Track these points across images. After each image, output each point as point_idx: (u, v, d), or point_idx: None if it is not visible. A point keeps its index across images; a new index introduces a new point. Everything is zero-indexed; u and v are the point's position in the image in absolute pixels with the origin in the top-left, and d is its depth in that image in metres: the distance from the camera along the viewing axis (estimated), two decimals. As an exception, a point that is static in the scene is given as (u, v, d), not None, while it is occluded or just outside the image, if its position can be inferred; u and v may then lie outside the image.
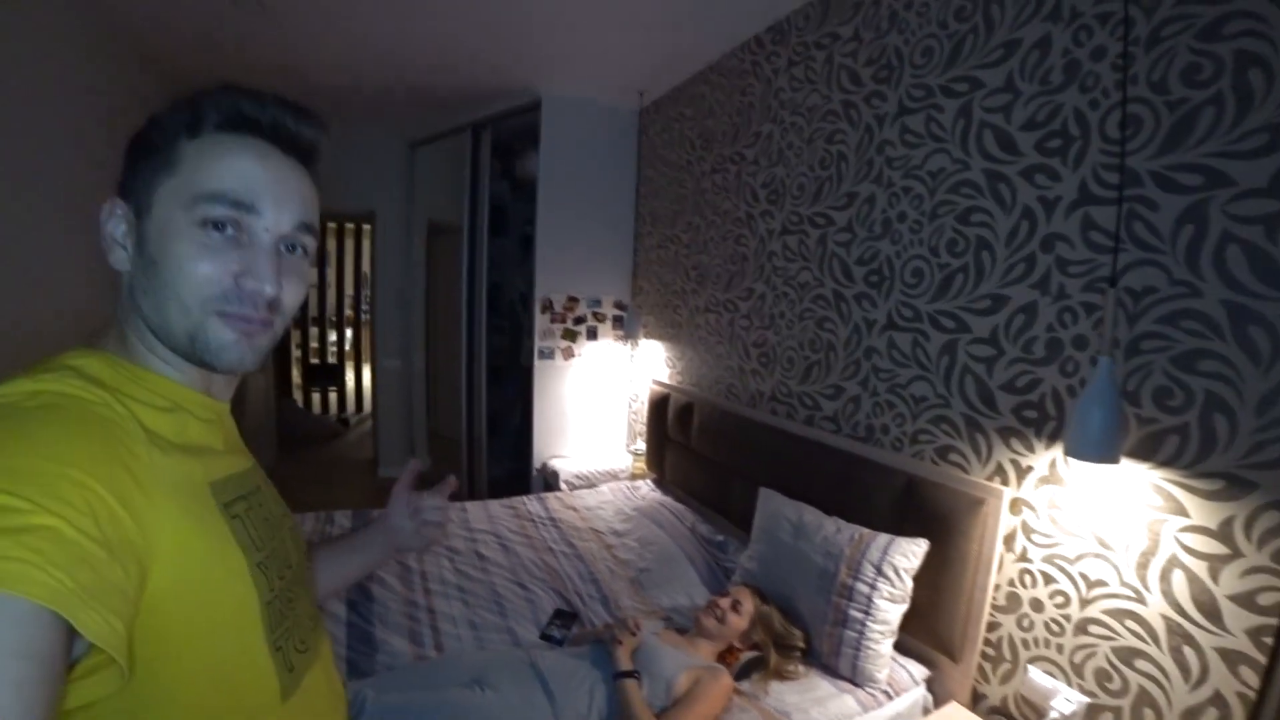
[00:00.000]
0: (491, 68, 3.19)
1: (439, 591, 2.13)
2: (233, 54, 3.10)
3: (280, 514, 0.73)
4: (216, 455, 0.64)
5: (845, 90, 2.17)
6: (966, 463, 1.75)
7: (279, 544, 0.68)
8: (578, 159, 3.66)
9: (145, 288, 0.59)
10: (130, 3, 2.51)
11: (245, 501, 0.64)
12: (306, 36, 2.84)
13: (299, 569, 0.72)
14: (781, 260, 2.51)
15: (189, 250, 0.57)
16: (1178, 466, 1.28)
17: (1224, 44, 1.19)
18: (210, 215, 0.58)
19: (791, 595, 1.87)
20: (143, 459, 0.52)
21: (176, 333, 0.59)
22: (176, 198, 0.58)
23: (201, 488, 0.59)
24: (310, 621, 0.72)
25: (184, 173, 0.58)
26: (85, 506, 0.44)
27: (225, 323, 0.59)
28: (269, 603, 0.61)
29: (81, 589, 0.41)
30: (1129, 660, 1.36)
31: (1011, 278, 1.62)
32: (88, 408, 0.51)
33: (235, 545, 0.59)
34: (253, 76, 3.39)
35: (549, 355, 3.78)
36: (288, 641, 0.64)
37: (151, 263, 0.58)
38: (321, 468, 5.34)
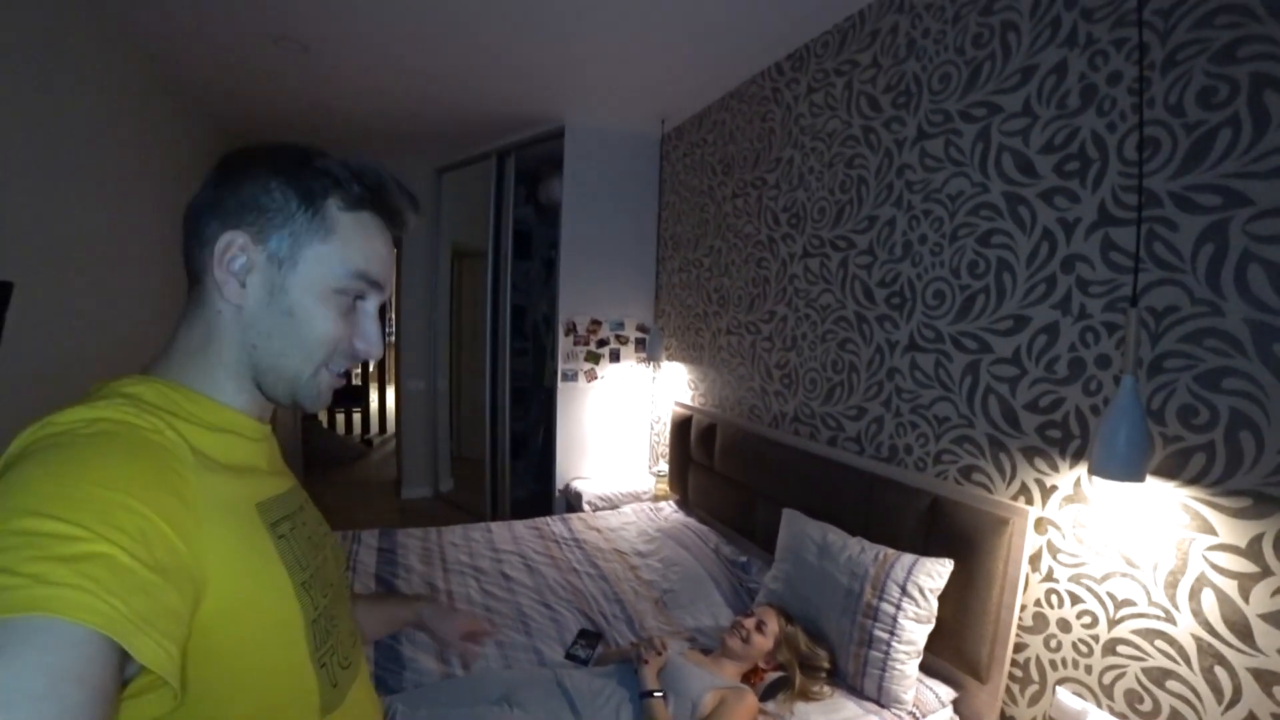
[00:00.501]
0: (517, 99, 3.29)
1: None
2: (271, 90, 3.23)
3: (323, 533, 0.75)
4: (262, 475, 0.66)
5: (865, 115, 2.21)
6: (991, 482, 1.75)
7: (322, 563, 0.70)
8: (601, 184, 3.73)
9: (269, 330, 0.63)
10: (173, 42, 2.64)
11: (290, 521, 0.66)
12: (342, 72, 2.96)
13: (340, 587, 0.74)
14: (803, 283, 2.53)
15: (328, 313, 0.64)
16: (1204, 484, 1.28)
17: (1239, 66, 1.21)
18: (356, 289, 0.66)
19: (816, 616, 1.87)
20: (193, 484, 0.54)
21: (286, 375, 0.65)
22: (327, 264, 0.64)
23: (249, 507, 0.61)
24: (351, 638, 0.74)
25: (337, 243, 0.64)
26: (139, 533, 0.46)
27: (330, 375, 0.67)
28: (314, 620, 0.63)
29: (136, 615, 0.42)
30: (1160, 681, 1.35)
31: (1033, 298, 1.63)
32: (141, 434, 0.53)
33: (281, 564, 0.61)
34: (289, 110, 3.53)
35: (572, 377, 3.82)
36: (332, 658, 0.66)
37: (287, 313, 0.63)
38: (346, 488, 5.41)
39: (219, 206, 0.62)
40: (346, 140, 4.08)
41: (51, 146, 2.12)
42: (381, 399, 7.80)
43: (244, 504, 0.60)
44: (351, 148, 3.76)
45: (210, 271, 0.62)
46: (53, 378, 2.09)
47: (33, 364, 1.99)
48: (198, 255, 0.63)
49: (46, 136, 2.09)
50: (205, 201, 0.63)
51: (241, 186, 0.62)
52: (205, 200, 0.63)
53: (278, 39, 2.57)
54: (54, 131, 2.13)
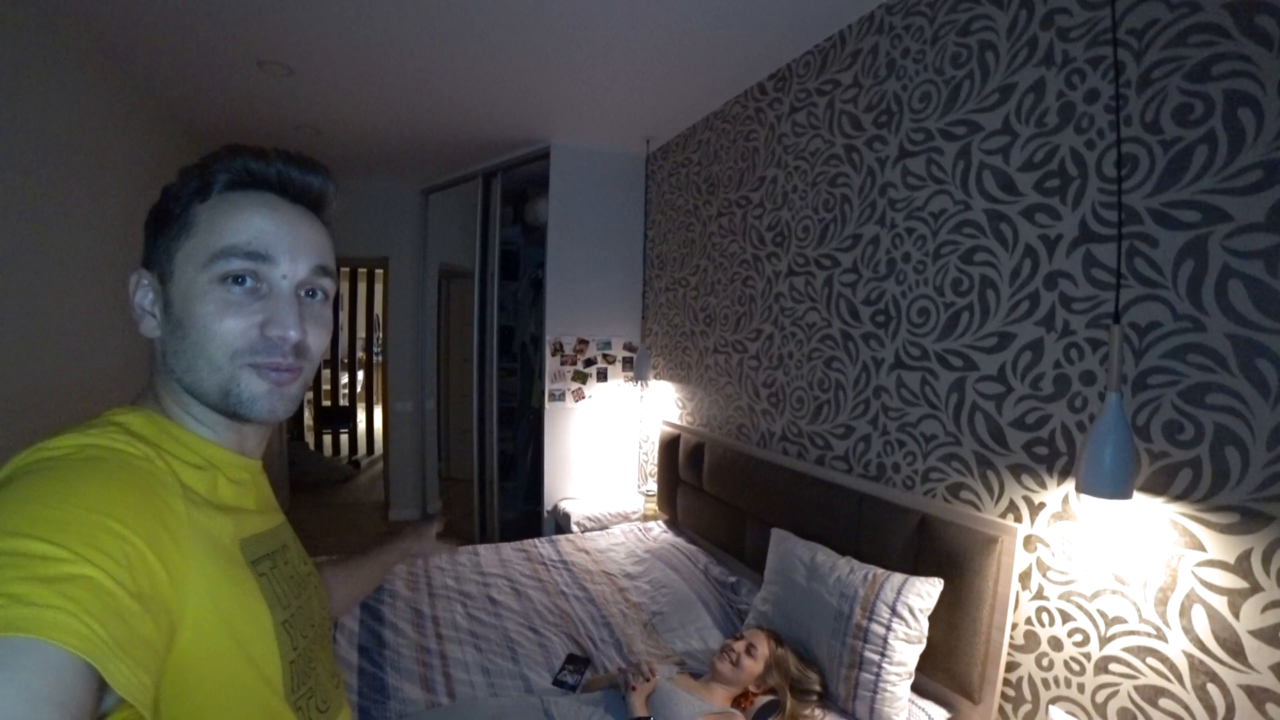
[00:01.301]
0: (503, 121, 3.30)
1: (451, 637, 2.12)
2: (256, 113, 3.23)
3: (306, 573, 0.73)
4: (246, 514, 0.65)
5: (847, 135, 2.23)
6: (979, 500, 1.74)
7: (304, 602, 0.68)
8: (587, 204, 3.74)
9: (176, 350, 0.61)
10: (159, 67, 2.63)
11: (271, 560, 0.65)
12: (327, 95, 2.96)
13: (322, 627, 0.73)
14: (789, 301, 2.54)
15: (212, 308, 0.59)
16: (1191, 500, 1.28)
17: (1214, 84, 1.22)
18: (228, 270, 0.59)
19: (806, 637, 1.85)
20: (180, 514, 0.53)
21: (209, 390, 0.60)
22: (194, 259, 0.60)
23: (232, 544, 0.60)
24: (331, 681, 0.72)
25: (199, 234, 0.60)
26: (123, 558, 0.45)
27: (257, 374, 0.61)
28: (292, 662, 0.62)
29: (114, 640, 0.41)
30: (1153, 699, 1.33)
31: (1016, 315, 1.63)
32: (130, 461, 0.53)
33: (263, 603, 0.60)
34: (274, 133, 3.52)
35: (559, 397, 3.81)
36: (309, 702, 0.64)
37: (179, 325, 0.60)
38: (333, 511, 5.33)
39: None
40: (331, 161, 4.06)
41: (31, 172, 2.10)
42: (369, 420, 7.73)
43: (228, 539, 0.59)
44: (338, 168, 3.73)
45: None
46: (35, 404, 2.05)
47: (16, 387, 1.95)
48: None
49: (26, 161, 2.06)
50: None
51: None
52: None
53: (262, 62, 2.57)
54: (34, 154, 2.11)
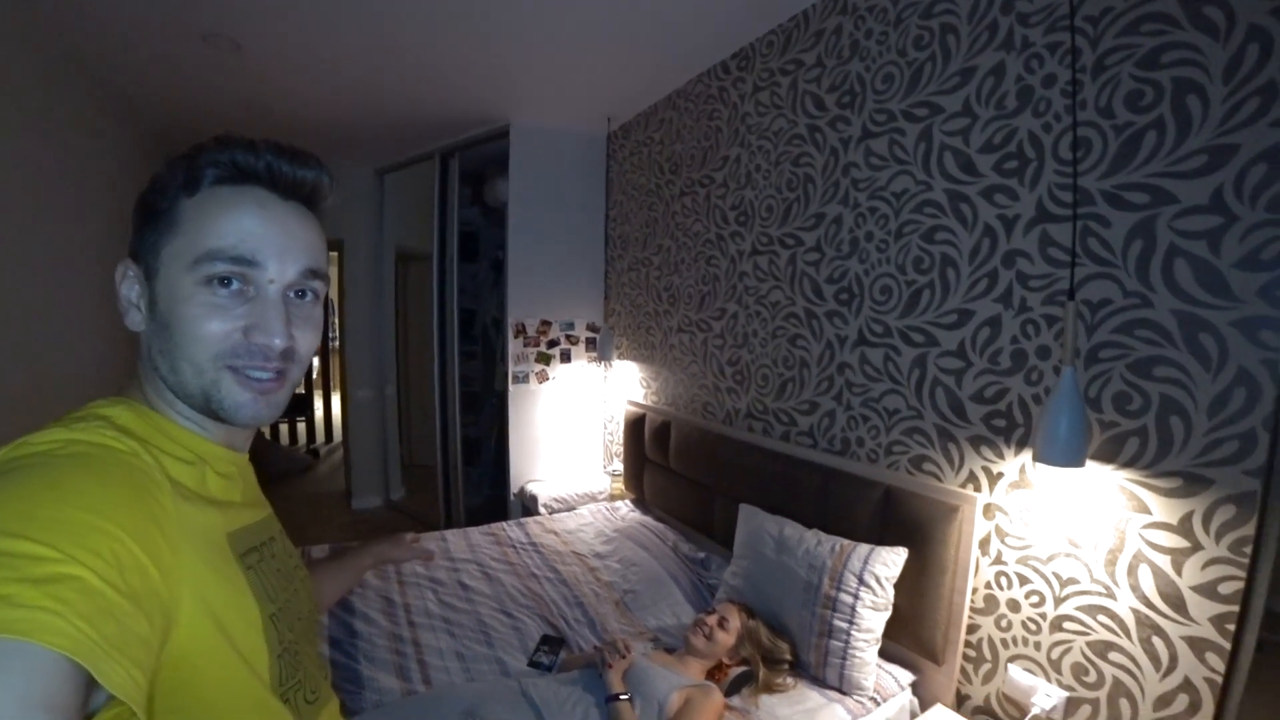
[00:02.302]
0: (460, 97, 3.22)
1: (424, 624, 2.11)
2: (203, 91, 3.08)
3: (293, 565, 0.73)
4: (234, 507, 0.64)
5: (810, 115, 2.25)
6: (940, 471, 1.81)
7: (291, 595, 0.68)
8: (548, 184, 3.70)
9: (160, 348, 0.60)
10: (97, 38, 2.49)
11: (258, 553, 0.65)
12: (277, 71, 2.83)
13: (309, 620, 0.73)
14: (753, 280, 2.57)
15: (196, 311, 0.58)
16: (1139, 467, 1.35)
17: (1163, 72, 1.28)
18: (213, 273, 0.58)
19: (777, 609, 1.90)
20: (169, 510, 0.53)
21: (192, 391, 0.60)
22: (181, 259, 0.58)
23: (221, 538, 0.59)
24: (319, 672, 0.72)
25: (186, 232, 0.58)
26: (113, 557, 0.44)
27: (238, 380, 0.60)
28: (280, 655, 0.61)
29: (105, 640, 0.41)
30: (1103, 653, 1.42)
31: (976, 293, 1.69)
32: (118, 457, 0.52)
33: (251, 597, 0.60)
34: (222, 113, 3.37)
35: (523, 379, 3.78)
36: (297, 694, 0.64)
37: (164, 325, 0.59)
38: (294, 502, 5.20)
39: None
40: (282, 138, 3.91)
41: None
42: (327, 407, 7.56)
43: (217, 534, 0.59)
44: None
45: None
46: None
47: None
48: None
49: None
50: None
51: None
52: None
53: (207, 36, 2.45)
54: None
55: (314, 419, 7.20)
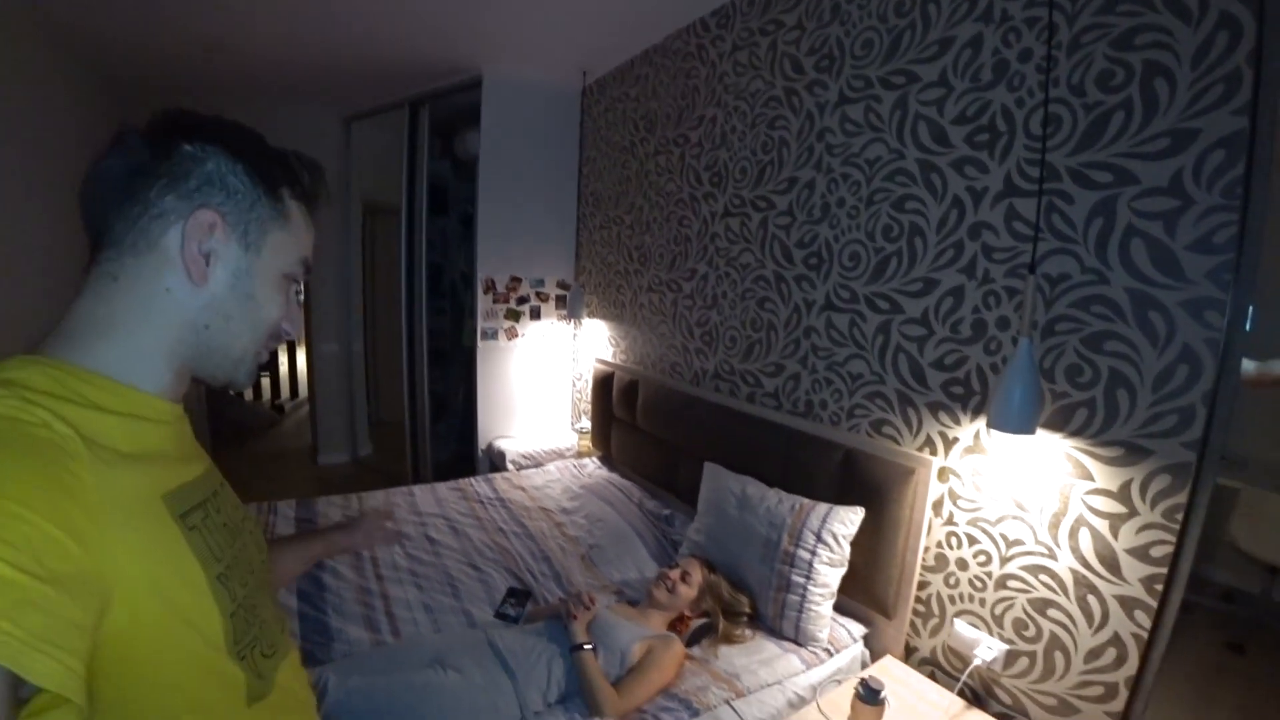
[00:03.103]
0: (430, 42, 3.11)
1: (391, 577, 2.13)
2: (156, 28, 2.91)
3: (240, 518, 0.71)
4: (171, 462, 0.62)
5: (788, 77, 2.23)
6: (899, 435, 1.87)
7: (240, 550, 0.66)
8: (520, 138, 3.62)
9: (229, 313, 0.63)
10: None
11: (202, 510, 0.62)
12: (236, 7, 2.70)
13: (261, 572, 0.71)
14: (724, 242, 2.57)
15: (277, 299, 0.67)
16: (1085, 436, 1.42)
17: (1135, 54, 1.30)
18: (298, 276, 0.70)
19: (737, 564, 1.97)
20: (88, 482, 0.49)
21: (234, 356, 0.66)
22: (285, 252, 0.67)
23: (154, 502, 0.56)
24: (276, 623, 0.71)
25: (292, 230, 0.67)
26: (25, 542, 0.42)
27: (263, 354, 0.69)
28: (232, 614, 0.60)
29: (28, 634, 0.39)
30: (1042, 610, 1.51)
31: (941, 262, 1.73)
32: (26, 430, 0.47)
33: (194, 560, 0.57)
34: (178, 52, 3.20)
35: (492, 336, 3.76)
36: (253, 650, 0.63)
37: (248, 296, 0.64)
38: (259, 459, 5.15)
39: (174, 180, 0.59)
40: (246, 84, 3.73)
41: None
42: (291, 363, 7.40)
43: (150, 497, 0.56)
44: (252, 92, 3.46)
45: (165, 247, 0.59)
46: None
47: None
48: (137, 227, 0.58)
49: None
50: (141, 168, 0.58)
51: (202, 163, 0.60)
52: (140, 166, 0.58)
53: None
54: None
55: (279, 374, 7.06)
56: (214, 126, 0.62)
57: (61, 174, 2.79)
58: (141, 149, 0.59)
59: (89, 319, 0.58)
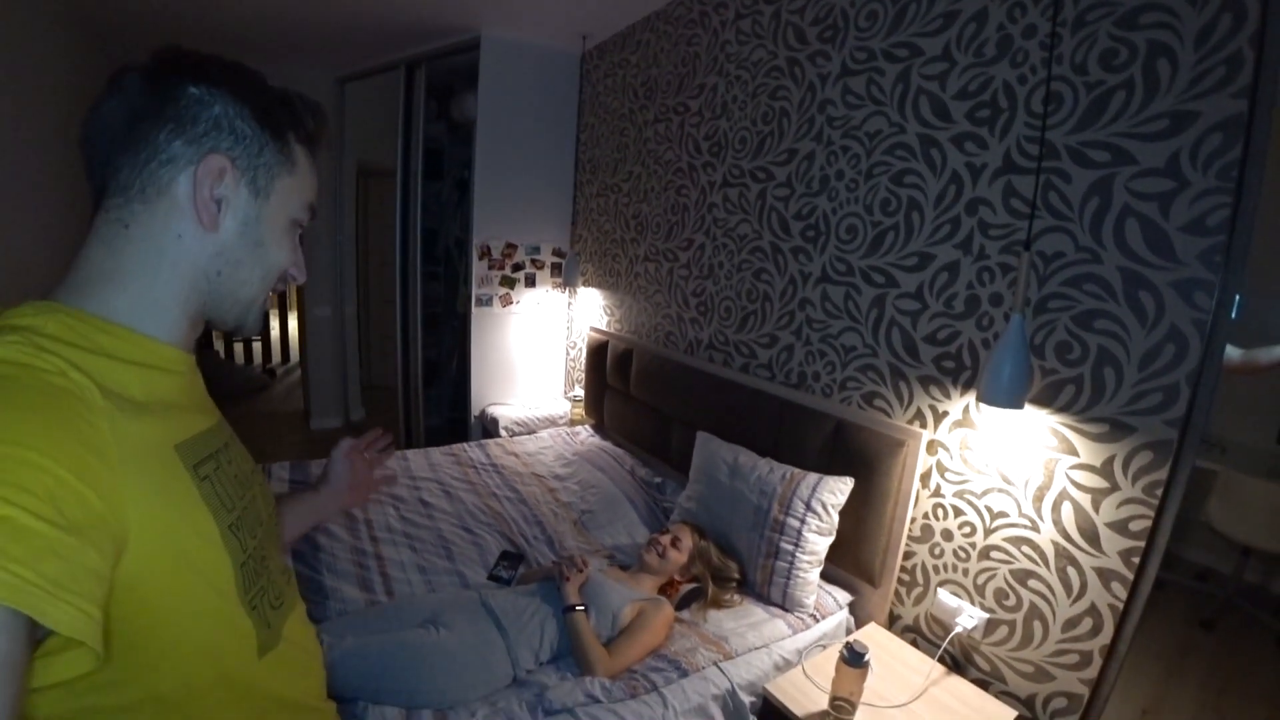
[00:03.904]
0: (428, 3, 3.04)
1: (386, 539, 2.16)
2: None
3: (249, 470, 0.72)
4: (184, 412, 0.62)
5: (790, 48, 2.21)
6: (890, 408, 1.89)
7: (250, 502, 0.67)
8: (518, 102, 3.57)
9: (239, 258, 0.63)
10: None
11: (214, 460, 0.63)
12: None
13: (270, 524, 0.72)
14: (722, 212, 2.57)
15: (285, 243, 0.68)
16: (1072, 412, 1.45)
17: (1139, 33, 1.30)
18: (305, 221, 0.70)
19: (728, 531, 2.01)
20: (104, 430, 0.49)
21: (243, 301, 0.66)
22: (292, 197, 0.67)
23: (168, 451, 0.57)
24: (283, 575, 0.73)
25: (299, 175, 0.67)
26: (44, 491, 0.42)
27: (269, 298, 0.71)
28: (243, 564, 0.61)
29: (47, 581, 0.40)
30: (1023, 580, 1.55)
31: (938, 237, 1.74)
32: (42, 378, 0.47)
33: (206, 510, 0.58)
34: (170, 9, 3.12)
35: (487, 302, 3.76)
36: (262, 599, 0.64)
37: (257, 242, 0.64)
38: (250, 422, 5.15)
39: (182, 124, 0.57)
40: (236, 40, 3.65)
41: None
42: (283, 326, 7.36)
43: (163, 447, 0.56)
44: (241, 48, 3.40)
45: (175, 193, 0.58)
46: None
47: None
48: (146, 172, 0.57)
49: None
50: (144, 111, 0.57)
51: (209, 106, 0.58)
52: (143, 109, 0.57)
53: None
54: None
55: (270, 338, 7.02)
56: (219, 68, 0.61)
57: (52, 122, 2.74)
58: (144, 91, 0.57)
59: (100, 267, 0.58)
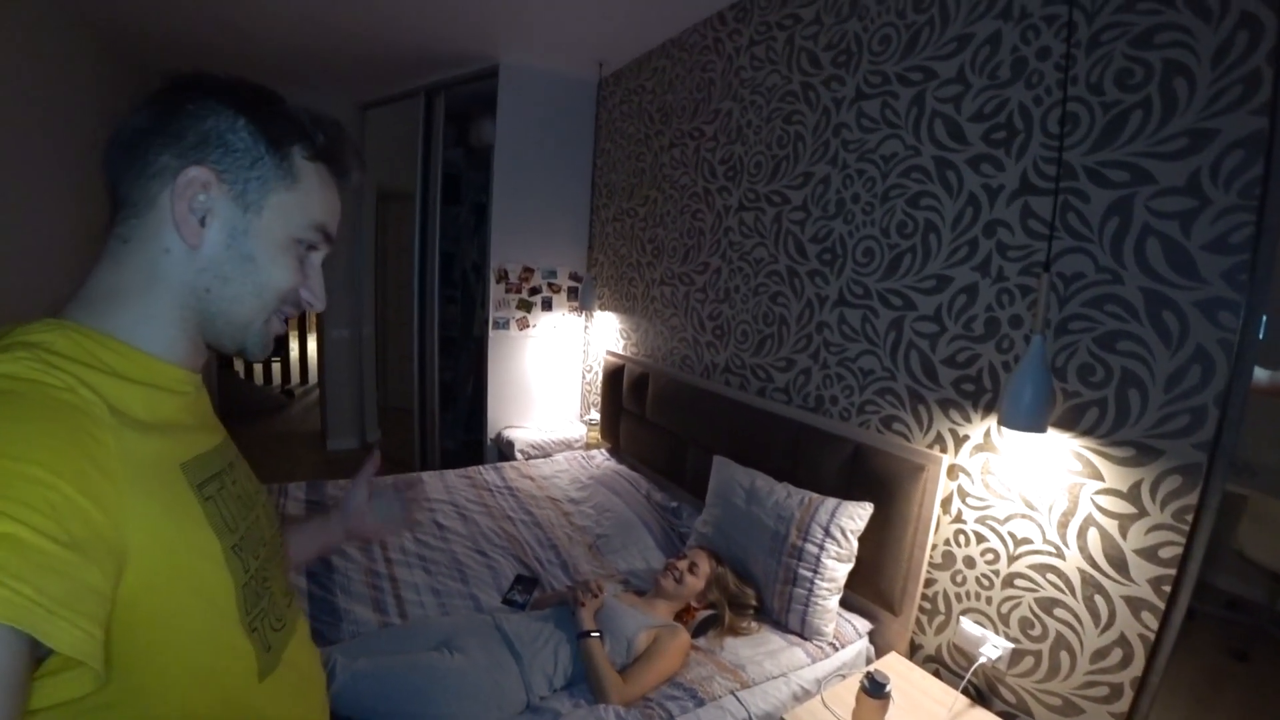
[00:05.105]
0: (448, 34, 3.12)
1: (400, 561, 2.16)
2: (178, 11, 2.93)
3: (254, 490, 0.72)
4: (188, 431, 0.62)
5: (805, 72, 2.23)
6: (909, 432, 1.87)
7: (253, 522, 0.66)
8: (535, 127, 3.62)
9: (227, 274, 0.61)
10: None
11: (218, 481, 0.62)
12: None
13: (274, 545, 0.72)
14: (738, 235, 2.57)
15: (286, 260, 0.64)
16: (1096, 436, 1.42)
17: (1154, 52, 1.29)
18: (312, 241, 0.66)
19: (744, 557, 1.98)
20: (110, 447, 0.49)
21: (238, 322, 0.63)
22: (291, 214, 0.63)
23: (172, 470, 0.57)
24: (285, 598, 0.72)
25: (301, 192, 0.64)
26: (49, 508, 0.42)
27: (277, 323, 0.67)
28: (245, 585, 0.60)
29: (49, 599, 0.40)
30: (1049, 609, 1.51)
31: (955, 259, 1.72)
32: (50, 394, 0.48)
33: (209, 530, 0.58)
34: (198, 34, 3.22)
35: (503, 325, 3.78)
36: (263, 622, 0.63)
37: (247, 258, 0.61)
38: (267, 441, 5.20)
39: (173, 137, 0.58)
40: (263, 69, 3.75)
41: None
42: (302, 347, 7.45)
43: (167, 465, 0.56)
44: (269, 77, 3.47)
45: (162, 206, 0.58)
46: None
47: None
48: (139, 186, 0.58)
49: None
50: (147, 127, 0.58)
51: (202, 120, 0.58)
52: (146, 126, 0.58)
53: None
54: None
55: (289, 359, 7.12)
56: (222, 84, 0.61)
57: (84, 150, 2.83)
58: (151, 109, 0.59)
59: (106, 284, 0.59)
